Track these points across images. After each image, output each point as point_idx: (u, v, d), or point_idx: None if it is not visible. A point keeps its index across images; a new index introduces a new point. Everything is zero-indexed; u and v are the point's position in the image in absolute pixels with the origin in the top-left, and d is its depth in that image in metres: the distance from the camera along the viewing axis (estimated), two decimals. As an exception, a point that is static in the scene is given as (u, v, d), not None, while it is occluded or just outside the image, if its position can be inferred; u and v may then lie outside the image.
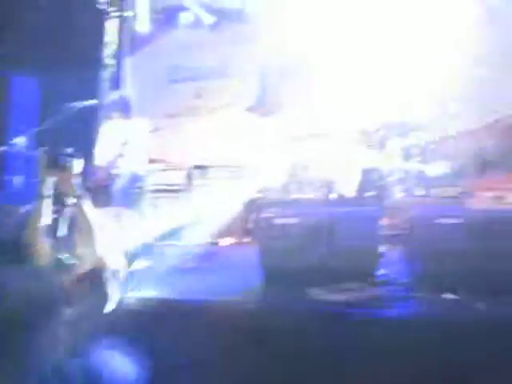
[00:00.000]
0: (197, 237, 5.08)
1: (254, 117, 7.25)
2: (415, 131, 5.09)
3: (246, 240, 5.03)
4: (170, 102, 7.55)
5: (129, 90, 7.02)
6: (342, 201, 4.93)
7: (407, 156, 4.77)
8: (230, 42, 7.20)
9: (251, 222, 5.02)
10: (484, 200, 5.46)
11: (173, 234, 5.11)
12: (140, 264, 3.08)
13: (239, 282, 2.69)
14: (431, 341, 1.88)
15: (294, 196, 5.58)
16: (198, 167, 5.55)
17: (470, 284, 2.14)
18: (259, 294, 2.43)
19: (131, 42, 7.58)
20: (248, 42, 7.11)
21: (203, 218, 5.13)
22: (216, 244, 4.92)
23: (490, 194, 5.68)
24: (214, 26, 7.12)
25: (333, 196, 5.18)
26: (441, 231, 2.28)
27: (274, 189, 5.84)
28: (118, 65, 7.54)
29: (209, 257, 4.19)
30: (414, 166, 4.97)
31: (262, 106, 7.27)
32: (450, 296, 2.16)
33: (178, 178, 5.57)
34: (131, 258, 2.40)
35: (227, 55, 7.27)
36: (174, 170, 5.65)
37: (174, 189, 5.58)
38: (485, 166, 6.48)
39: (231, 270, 3.29)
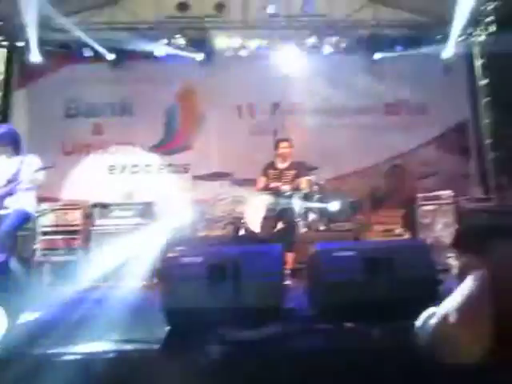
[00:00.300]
0: (98, 280, 4.77)
1: (157, 155, 7.20)
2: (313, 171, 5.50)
3: (154, 282, 4.85)
4: (67, 137, 7.15)
5: (19, 123, 6.52)
6: (250, 237, 5.04)
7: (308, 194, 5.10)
8: (133, 79, 7.16)
9: (159, 262, 4.87)
10: (377, 233, 6.04)
11: (71, 276, 4.74)
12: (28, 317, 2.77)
13: (142, 328, 2.57)
14: (337, 368, 1.96)
15: (202, 234, 5.57)
16: (98, 205, 5.26)
17: (366, 312, 2.28)
18: (161, 340, 2.33)
19: (21, 74, 7.12)
20: (156, 81, 7.17)
21: (105, 259, 4.86)
22: (121, 286, 4.67)
23: (381, 227, 6.31)
24: (115, 63, 7.02)
25: (241, 233, 5.29)
26: (339, 263, 2.44)
27: (182, 227, 5.77)
28: (6, 96, 6.98)
29: (111, 301, 3.93)
30: (315, 203, 5.31)
31: (165, 145, 7.26)
32: (349, 325, 2.28)
33: (75, 217, 5.21)
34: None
35: (130, 93, 7.20)
36: (71, 209, 5.28)
37: (72, 229, 5.20)
38: (376, 202, 7.21)
39: (136, 315, 3.14)
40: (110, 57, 6.96)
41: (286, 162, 4.91)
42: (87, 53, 6.85)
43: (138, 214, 5.22)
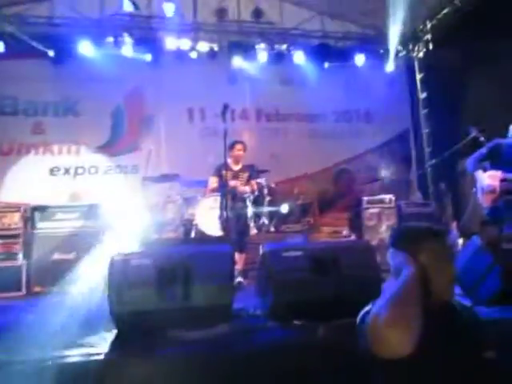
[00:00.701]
0: (42, 284, 4.55)
1: (103, 156, 6.98)
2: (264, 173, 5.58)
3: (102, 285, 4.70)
4: (4, 136, 6.75)
5: None
6: (201, 239, 5.04)
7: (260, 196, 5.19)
8: (77, 78, 6.89)
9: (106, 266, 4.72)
10: (326, 234, 6.26)
11: (12, 282, 4.49)
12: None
13: (90, 333, 2.50)
14: (284, 365, 2.03)
15: (152, 237, 5.48)
16: (39, 208, 5.01)
17: (313, 310, 2.38)
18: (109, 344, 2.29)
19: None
20: (101, 80, 6.94)
21: (49, 263, 4.64)
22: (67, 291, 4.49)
23: (329, 229, 6.54)
24: (56, 60, 6.71)
25: (192, 235, 5.27)
26: (287, 263, 2.52)
27: (130, 230, 5.64)
28: None
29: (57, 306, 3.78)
30: (266, 206, 5.39)
31: (112, 146, 7.07)
32: (298, 323, 2.36)
33: (14, 220, 4.92)
34: None
35: (73, 91, 6.92)
36: (9, 211, 4.98)
37: (10, 234, 4.92)
38: (325, 204, 7.46)
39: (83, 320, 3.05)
40: (51, 53, 6.65)
41: (239, 164, 5.00)
42: (25, 48, 6.50)
43: (82, 216, 5.02)
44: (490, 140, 4.17)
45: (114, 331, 2.40)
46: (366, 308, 1.46)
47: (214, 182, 4.90)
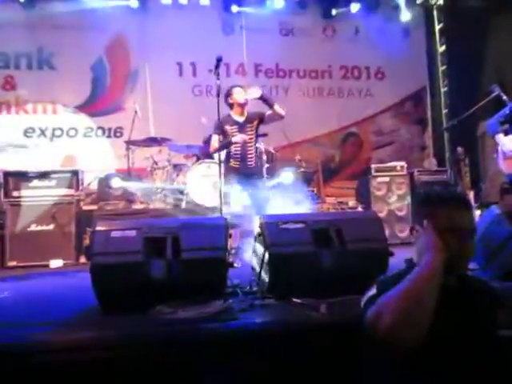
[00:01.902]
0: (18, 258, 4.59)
1: (83, 117, 6.86)
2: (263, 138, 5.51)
3: (81, 260, 4.75)
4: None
5: None
6: (190, 209, 5.04)
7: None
8: (53, 25, 6.66)
9: (87, 238, 4.76)
10: (330, 205, 6.26)
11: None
12: None
13: (71, 309, 2.53)
14: (283, 345, 2.06)
15: (138, 206, 5.48)
16: (12, 174, 4.97)
17: (315, 286, 2.39)
18: (94, 322, 2.32)
19: None
20: (80, 29, 6.71)
21: (25, 235, 4.66)
22: (45, 266, 4.54)
23: (333, 199, 6.55)
24: (28, 4, 6.45)
25: (183, 205, 5.27)
26: (287, 236, 2.51)
27: (115, 198, 5.63)
28: None
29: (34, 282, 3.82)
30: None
31: (92, 105, 6.93)
32: (297, 300, 2.38)
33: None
34: None
35: (49, 41, 6.72)
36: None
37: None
38: (330, 172, 7.43)
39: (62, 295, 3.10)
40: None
41: (244, 113, 4.48)
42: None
43: (61, 183, 5.00)
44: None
45: (98, 308, 2.41)
46: (371, 291, 1.44)
47: (216, 140, 4.44)
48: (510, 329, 1.40)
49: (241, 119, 4.39)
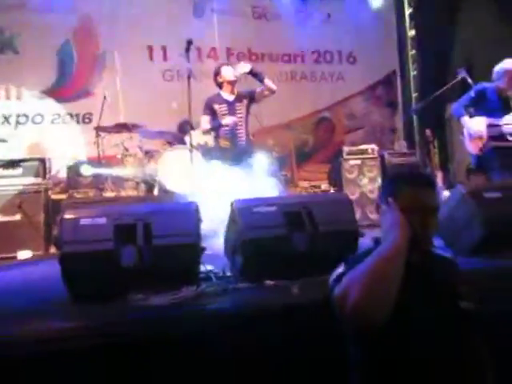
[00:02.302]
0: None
1: (49, 102, 6.65)
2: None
3: (51, 251, 4.66)
4: None
5: None
6: (163, 196, 4.99)
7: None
8: (14, 5, 6.38)
9: (56, 227, 4.65)
10: (303, 189, 6.31)
11: None
12: None
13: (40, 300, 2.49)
14: (256, 327, 2.08)
15: (109, 194, 5.38)
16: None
17: (287, 268, 2.42)
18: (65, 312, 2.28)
19: None
20: (45, 11, 6.45)
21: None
22: (12, 258, 4.43)
23: (307, 183, 6.60)
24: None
25: (155, 192, 5.21)
26: (259, 219, 2.52)
27: (83, 187, 5.52)
28: None
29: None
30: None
31: (59, 90, 6.72)
32: (270, 282, 2.41)
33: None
34: None
35: (10, 23, 6.44)
36: None
37: None
38: (303, 156, 7.47)
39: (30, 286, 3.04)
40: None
41: (234, 91, 4.38)
42: None
43: (28, 172, 4.86)
44: (479, 82, 4.21)
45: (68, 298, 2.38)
46: (339, 269, 1.47)
47: (206, 122, 4.33)
48: (468, 301, 1.45)
49: (230, 98, 4.32)
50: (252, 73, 4.22)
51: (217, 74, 4.35)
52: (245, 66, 4.23)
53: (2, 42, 6.52)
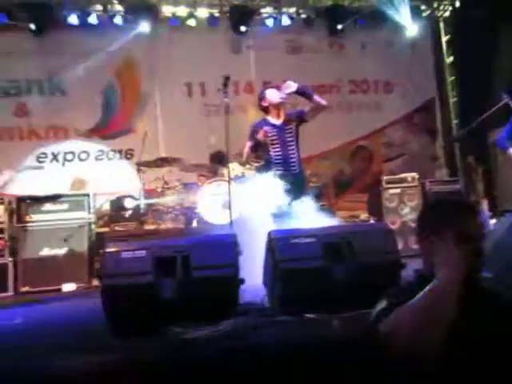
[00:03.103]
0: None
1: (94, 140, 6.95)
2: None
3: (94, 283, 4.76)
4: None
5: None
6: (200, 228, 5.04)
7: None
8: (62, 52, 6.80)
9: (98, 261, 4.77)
10: (342, 219, 6.21)
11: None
12: None
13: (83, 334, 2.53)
14: (298, 362, 2.03)
15: (150, 227, 5.50)
16: (25, 199, 5.04)
17: (327, 301, 2.36)
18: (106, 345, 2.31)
19: None
20: (89, 54, 6.86)
21: (38, 260, 4.69)
22: (57, 291, 4.56)
23: (346, 213, 6.50)
24: (38, 32, 6.62)
25: (194, 225, 5.27)
26: (297, 251, 2.50)
27: (126, 220, 5.67)
28: None
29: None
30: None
31: (103, 129, 7.03)
32: (310, 316, 2.35)
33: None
34: None
35: (59, 67, 6.86)
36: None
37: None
38: (341, 186, 7.41)
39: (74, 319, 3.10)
40: (32, 25, 6.57)
41: (281, 114, 4.04)
42: (1, 19, 6.44)
43: (73, 207, 5.06)
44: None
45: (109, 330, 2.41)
46: (381, 304, 1.40)
47: (247, 146, 4.08)
48: None
49: (278, 122, 3.99)
50: (299, 91, 3.89)
51: (261, 98, 4.07)
52: (291, 86, 3.88)
53: (52, 85, 6.93)
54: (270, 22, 7.36)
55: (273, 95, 4.02)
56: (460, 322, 1.24)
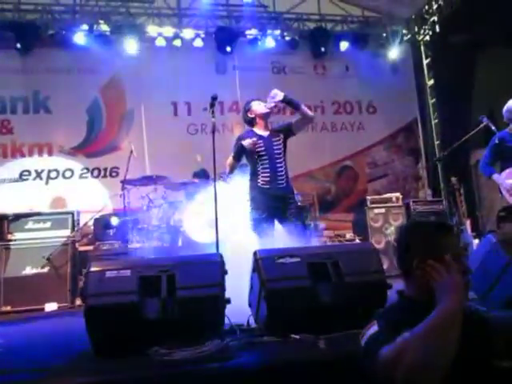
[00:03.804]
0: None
1: (79, 158, 6.90)
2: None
3: (77, 303, 4.68)
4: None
5: None
6: (188, 247, 5.01)
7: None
8: (47, 70, 6.79)
9: (82, 280, 4.68)
10: (327, 238, 6.24)
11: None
12: None
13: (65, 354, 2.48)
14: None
15: (134, 245, 5.44)
16: (8, 217, 4.95)
17: (313, 321, 2.36)
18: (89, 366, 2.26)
19: None
20: (75, 72, 6.86)
21: (19, 279, 4.59)
22: (40, 310, 4.47)
23: (330, 232, 6.53)
24: (24, 50, 6.60)
25: (179, 242, 5.24)
26: (283, 270, 2.49)
27: (110, 238, 5.60)
28: None
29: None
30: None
31: (88, 146, 6.99)
32: (295, 336, 2.34)
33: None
34: None
35: (44, 85, 6.84)
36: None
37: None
38: (326, 205, 7.45)
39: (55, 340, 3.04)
40: (18, 44, 6.57)
41: (267, 126, 3.91)
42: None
43: (56, 225, 4.99)
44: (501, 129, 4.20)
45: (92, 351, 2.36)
46: (372, 328, 1.39)
47: (230, 159, 3.90)
48: (509, 359, 1.37)
49: (265, 133, 3.84)
50: (286, 100, 3.76)
51: (247, 110, 3.93)
52: (278, 94, 3.74)
53: (37, 103, 6.90)
54: (254, 44, 7.48)
55: (259, 106, 3.91)
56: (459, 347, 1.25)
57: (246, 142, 3.71)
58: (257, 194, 3.70)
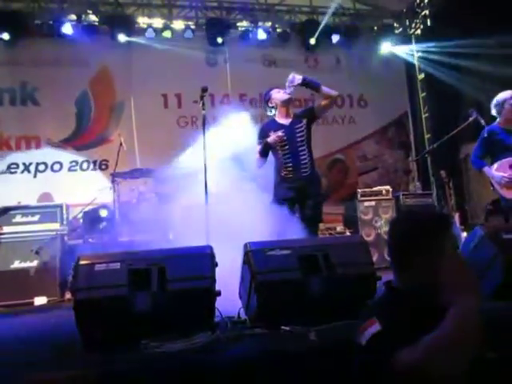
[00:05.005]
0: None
1: (68, 151, 6.84)
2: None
3: (66, 297, 4.66)
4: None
5: None
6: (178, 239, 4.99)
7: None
8: (35, 61, 6.70)
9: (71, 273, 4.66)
10: (318, 230, 6.25)
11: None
12: None
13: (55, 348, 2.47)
14: (274, 375, 2.02)
15: (124, 239, 5.41)
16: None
17: (303, 313, 2.37)
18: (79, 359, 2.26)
19: None
20: (63, 64, 6.78)
21: (7, 273, 4.56)
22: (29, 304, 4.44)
23: (321, 225, 6.55)
24: (11, 42, 6.50)
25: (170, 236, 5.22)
26: (274, 263, 2.51)
27: (100, 231, 5.56)
28: None
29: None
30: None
31: (77, 139, 6.92)
32: (286, 328, 2.35)
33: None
34: None
35: (32, 77, 6.75)
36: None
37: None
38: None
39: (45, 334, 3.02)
40: (4, 35, 6.45)
41: (290, 112, 3.82)
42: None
43: (45, 218, 4.94)
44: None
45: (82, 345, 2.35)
46: (373, 328, 1.33)
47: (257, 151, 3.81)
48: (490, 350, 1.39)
49: (287, 121, 3.77)
50: (305, 83, 3.68)
51: (267, 100, 3.89)
52: (296, 78, 3.67)
53: (25, 95, 6.81)
54: (246, 36, 7.43)
55: (278, 94, 3.84)
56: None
57: (271, 139, 3.68)
58: (279, 187, 3.68)
